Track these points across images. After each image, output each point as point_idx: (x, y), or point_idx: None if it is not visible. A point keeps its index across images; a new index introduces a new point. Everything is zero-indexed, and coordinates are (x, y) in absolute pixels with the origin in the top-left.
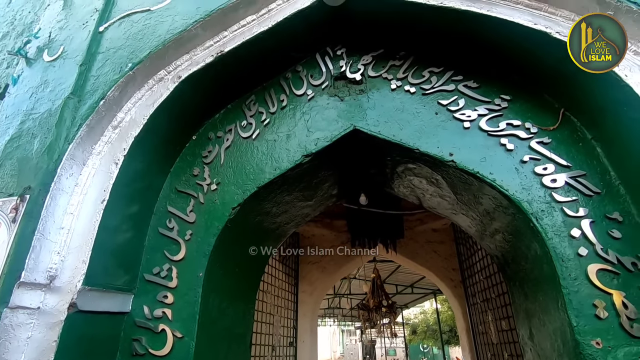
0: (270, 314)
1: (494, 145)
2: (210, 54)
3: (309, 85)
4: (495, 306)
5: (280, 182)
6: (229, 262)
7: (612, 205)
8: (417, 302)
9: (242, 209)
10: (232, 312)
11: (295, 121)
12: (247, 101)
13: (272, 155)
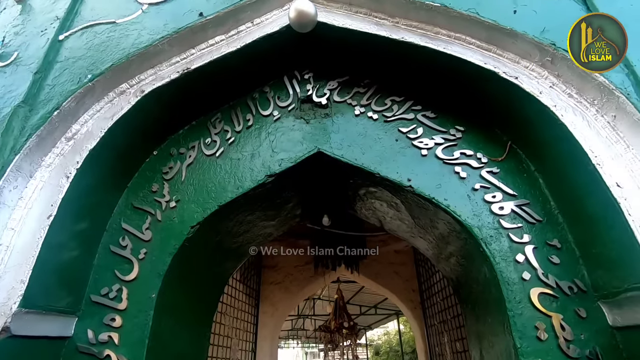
0: (228, 337)
1: (448, 173)
2: (177, 70)
3: (275, 106)
4: (450, 328)
5: (242, 201)
6: (185, 282)
7: (552, 233)
8: (381, 323)
9: (202, 228)
10: (185, 336)
11: (260, 141)
12: (213, 119)
13: (235, 174)
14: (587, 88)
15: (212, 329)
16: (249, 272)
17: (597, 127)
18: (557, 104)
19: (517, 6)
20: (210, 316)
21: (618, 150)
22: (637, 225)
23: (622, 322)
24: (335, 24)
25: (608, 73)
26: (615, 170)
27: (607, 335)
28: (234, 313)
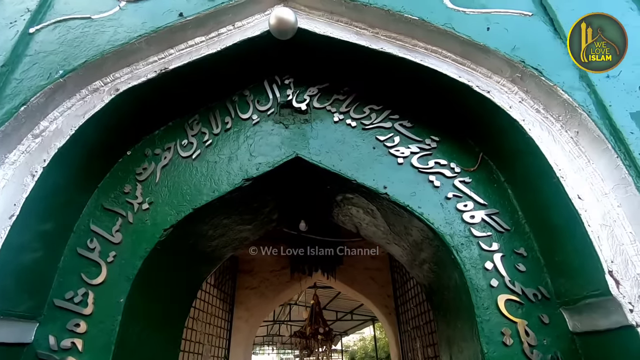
0: (200, 343)
1: (423, 181)
2: (154, 69)
3: (255, 110)
4: (423, 334)
5: (218, 204)
6: (156, 287)
7: (519, 242)
8: (357, 329)
9: (175, 231)
10: (154, 342)
11: (238, 144)
12: (190, 120)
13: (211, 177)
14: (553, 104)
15: (183, 334)
16: (223, 276)
17: (561, 141)
18: (525, 119)
19: (490, 23)
20: (182, 322)
21: (580, 164)
22: (596, 235)
23: (581, 327)
24: (317, 31)
25: (572, 91)
26: (577, 183)
27: (567, 340)
28: (207, 318)
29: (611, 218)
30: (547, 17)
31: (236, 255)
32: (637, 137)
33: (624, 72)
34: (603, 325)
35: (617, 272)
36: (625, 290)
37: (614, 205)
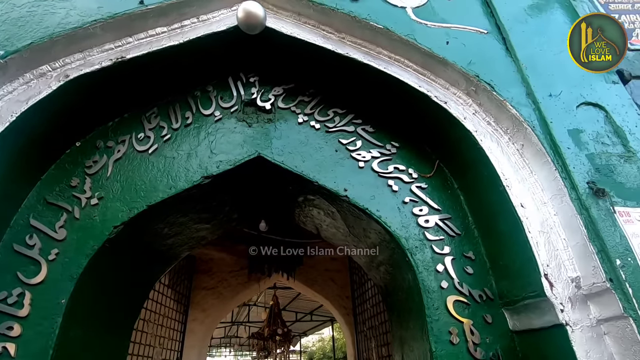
0: (150, 346)
1: (382, 186)
2: (109, 57)
3: (217, 107)
4: (378, 333)
5: (175, 202)
6: (102, 287)
7: (468, 246)
8: (316, 330)
9: (127, 228)
10: (99, 346)
11: (198, 141)
12: (148, 113)
13: (168, 173)
14: (502, 118)
15: (132, 337)
16: (179, 276)
17: (508, 153)
18: (478, 130)
19: (449, 38)
20: (131, 324)
21: (524, 175)
22: (535, 242)
23: (519, 326)
24: (284, 31)
25: (519, 107)
26: (520, 192)
27: (507, 338)
28: (159, 320)
29: (548, 225)
30: (500, 36)
31: (193, 255)
32: (573, 152)
33: (564, 93)
34: (538, 324)
35: (552, 275)
36: (558, 292)
37: (551, 214)
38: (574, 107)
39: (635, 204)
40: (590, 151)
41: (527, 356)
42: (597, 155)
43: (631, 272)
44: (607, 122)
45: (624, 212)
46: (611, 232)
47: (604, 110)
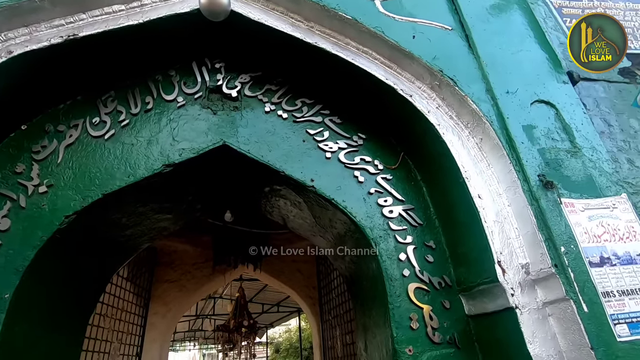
0: (107, 342)
1: (348, 176)
2: (60, 34)
3: (180, 92)
4: (342, 322)
5: (134, 190)
6: (52, 281)
7: (430, 235)
8: (283, 321)
9: (80, 218)
10: (48, 343)
11: (160, 127)
12: (104, 96)
13: (127, 161)
14: (463, 112)
15: (87, 332)
16: (139, 269)
17: (468, 146)
18: (440, 123)
19: (415, 32)
20: (85, 319)
21: (482, 168)
22: (490, 231)
23: (474, 311)
24: (251, 17)
25: (479, 102)
26: (478, 184)
27: (463, 322)
28: (117, 314)
29: (502, 215)
30: (463, 34)
31: (154, 247)
32: (526, 146)
33: (520, 90)
34: (491, 308)
35: (504, 262)
36: (509, 277)
37: (505, 205)
38: (529, 104)
39: (579, 196)
40: (541, 146)
41: (481, 338)
42: (547, 150)
43: (573, 258)
44: (557, 119)
45: (569, 203)
46: (557, 221)
47: (555, 108)
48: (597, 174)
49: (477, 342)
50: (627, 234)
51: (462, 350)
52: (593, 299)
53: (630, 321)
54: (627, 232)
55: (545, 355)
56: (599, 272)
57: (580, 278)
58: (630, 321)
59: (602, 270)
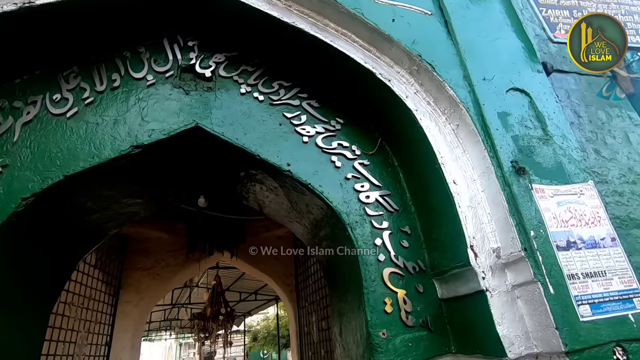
0: (74, 331)
1: (325, 161)
2: (13, 0)
3: (150, 70)
4: (318, 308)
5: (99, 173)
6: (10, 267)
7: (405, 221)
8: (261, 309)
9: (40, 201)
10: (7, 332)
11: (127, 106)
12: (66, 72)
13: (91, 141)
14: (441, 98)
15: (51, 322)
16: (108, 256)
17: (445, 132)
18: (418, 109)
19: (395, 16)
20: (47, 308)
21: (457, 154)
22: (464, 216)
23: (447, 294)
24: None
25: (456, 88)
26: (453, 169)
27: (436, 306)
28: (85, 303)
29: (476, 201)
30: (443, 19)
31: (125, 234)
32: (501, 133)
33: (496, 77)
34: (462, 291)
35: (477, 246)
36: (481, 261)
37: (479, 190)
38: (504, 92)
39: (549, 182)
40: (515, 133)
41: (452, 321)
42: (520, 137)
43: (542, 242)
44: (531, 107)
45: (539, 189)
46: (528, 206)
47: (529, 96)
48: (566, 161)
49: (449, 325)
50: (592, 219)
51: (434, 333)
52: (559, 282)
53: (593, 302)
54: (592, 218)
55: (512, 335)
56: (565, 255)
57: (548, 261)
58: (592, 302)
59: (569, 254)
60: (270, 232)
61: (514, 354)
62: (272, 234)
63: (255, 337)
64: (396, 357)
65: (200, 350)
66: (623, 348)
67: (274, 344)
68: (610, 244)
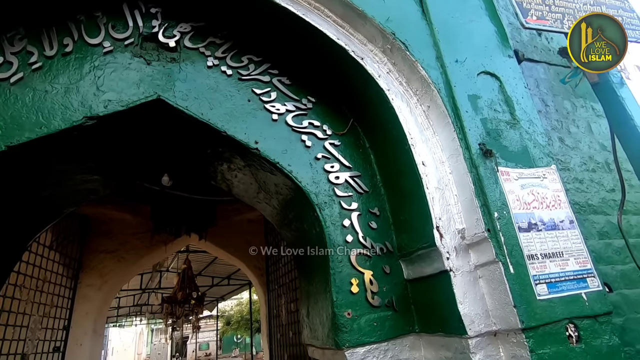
0: (26, 314)
1: (295, 140)
2: None
3: (107, 37)
4: (288, 290)
5: (48, 144)
6: None
7: (374, 202)
8: (234, 294)
9: None
10: None
11: (81, 74)
12: (10, 33)
13: (39, 110)
14: (413, 79)
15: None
16: (66, 237)
17: (416, 113)
18: (390, 89)
19: None
20: None
21: (427, 135)
22: (431, 197)
23: (413, 275)
24: None
25: (429, 69)
26: (423, 151)
27: (402, 287)
28: (39, 285)
29: (444, 183)
30: None
31: (86, 214)
32: (470, 115)
33: (468, 60)
34: (427, 271)
35: (442, 227)
36: (446, 242)
37: (447, 172)
38: (475, 75)
39: (514, 165)
40: (484, 116)
41: (417, 301)
42: (489, 120)
43: (505, 223)
44: (500, 91)
45: (504, 171)
46: (493, 188)
47: (499, 80)
48: (532, 146)
49: (414, 305)
50: (553, 202)
51: (398, 313)
52: (519, 262)
53: (550, 281)
54: (553, 201)
55: (473, 314)
56: (526, 236)
57: (510, 242)
58: (549, 281)
59: (529, 235)
60: (241, 215)
61: (474, 332)
62: (244, 217)
63: (229, 322)
64: (361, 337)
65: (171, 336)
66: (575, 325)
67: (246, 328)
68: (568, 226)
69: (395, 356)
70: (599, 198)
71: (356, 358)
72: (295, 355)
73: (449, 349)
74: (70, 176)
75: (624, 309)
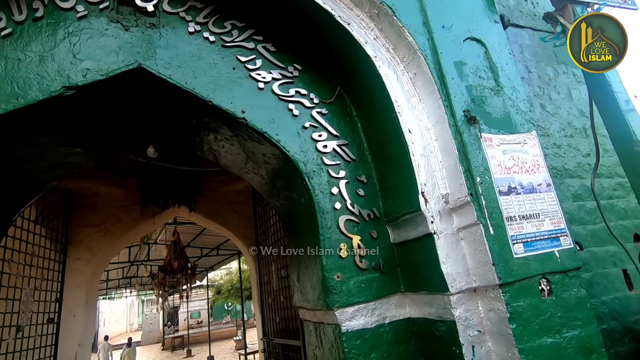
0: (17, 288)
1: (282, 109)
2: None
3: (80, 0)
4: (278, 258)
5: (26, 116)
6: None
7: (362, 170)
8: (223, 264)
9: None
10: None
11: (55, 41)
12: None
13: (13, 79)
14: (400, 45)
15: None
16: (51, 211)
17: (402, 81)
18: (377, 56)
19: None
20: None
21: (414, 103)
22: (417, 164)
23: (398, 239)
24: None
25: (416, 35)
26: (409, 118)
27: (388, 250)
28: (27, 260)
29: (429, 149)
30: None
31: (70, 188)
32: (456, 82)
33: (455, 26)
34: (413, 235)
35: (427, 192)
36: (431, 206)
37: (432, 139)
38: (461, 41)
39: (497, 131)
40: (469, 83)
41: (402, 263)
42: (474, 87)
43: (486, 187)
44: (486, 58)
45: (487, 137)
46: (476, 154)
47: (485, 46)
48: (514, 112)
49: (399, 267)
50: (532, 167)
51: (385, 274)
52: (499, 223)
53: (526, 240)
54: (532, 165)
55: (455, 273)
56: (506, 199)
57: (490, 205)
58: (525, 241)
59: (509, 198)
60: (228, 186)
61: (455, 289)
62: (231, 188)
63: (219, 291)
64: (350, 297)
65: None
66: (547, 279)
67: (237, 296)
68: (545, 189)
69: (382, 314)
70: (575, 162)
71: (345, 317)
72: (286, 318)
73: (432, 305)
74: (52, 149)
75: (592, 265)
